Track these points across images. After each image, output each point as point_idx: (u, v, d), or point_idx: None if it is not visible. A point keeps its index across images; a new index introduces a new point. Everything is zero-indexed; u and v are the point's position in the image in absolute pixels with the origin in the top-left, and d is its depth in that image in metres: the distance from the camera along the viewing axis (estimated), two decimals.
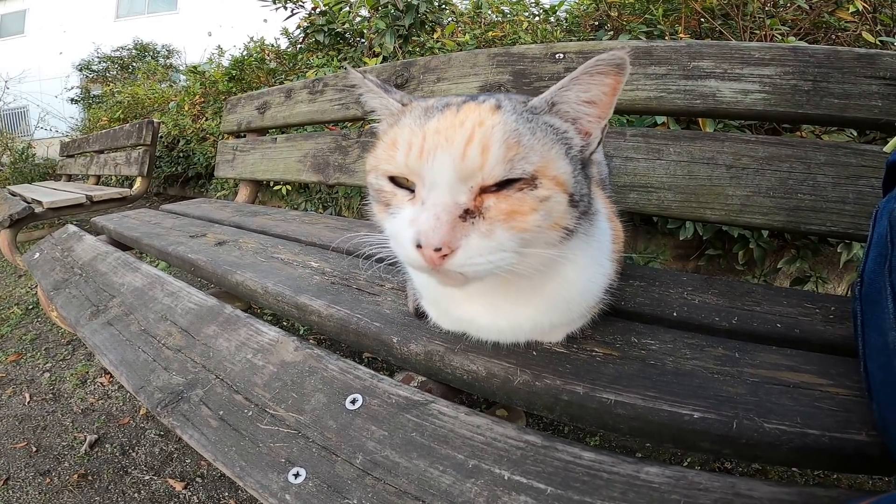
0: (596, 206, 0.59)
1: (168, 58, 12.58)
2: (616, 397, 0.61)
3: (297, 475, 0.64)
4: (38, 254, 1.75)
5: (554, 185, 0.50)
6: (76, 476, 1.44)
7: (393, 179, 0.53)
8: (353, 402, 0.70)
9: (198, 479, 1.43)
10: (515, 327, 0.66)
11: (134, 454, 1.54)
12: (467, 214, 0.48)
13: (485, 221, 0.48)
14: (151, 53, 12.41)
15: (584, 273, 0.62)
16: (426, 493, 0.57)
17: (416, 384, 0.77)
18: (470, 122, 0.49)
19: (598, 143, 0.56)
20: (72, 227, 1.81)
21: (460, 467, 0.58)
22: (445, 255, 0.47)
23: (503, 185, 0.49)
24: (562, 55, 1.26)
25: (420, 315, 0.82)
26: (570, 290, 0.62)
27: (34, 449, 1.58)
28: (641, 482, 0.52)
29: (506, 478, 0.55)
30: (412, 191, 0.52)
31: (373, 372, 0.75)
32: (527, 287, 0.59)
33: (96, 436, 1.62)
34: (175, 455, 1.53)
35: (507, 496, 0.54)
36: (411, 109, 0.56)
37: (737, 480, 0.50)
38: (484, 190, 0.49)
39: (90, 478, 1.44)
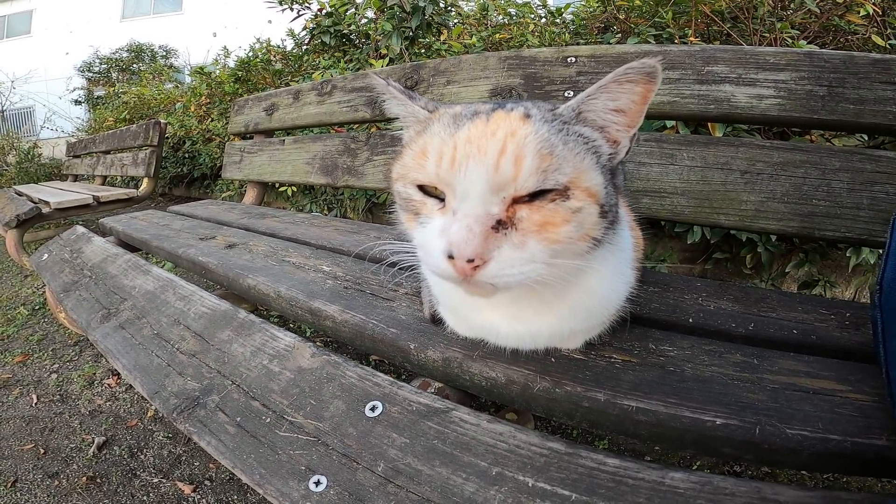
0: (619, 215, 0.59)
1: (167, 58, 12.61)
2: (637, 404, 0.61)
3: (318, 483, 0.64)
4: (46, 255, 1.75)
5: (586, 196, 0.50)
6: (84, 478, 1.44)
7: (422, 188, 0.53)
8: (373, 409, 0.70)
9: (206, 483, 1.43)
10: (535, 334, 0.66)
11: (142, 456, 1.54)
12: (499, 225, 0.48)
13: (517, 233, 0.48)
14: (149, 55, 12.44)
15: (607, 282, 0.62)
16: (449, 500, 0.57)
17: (432, 390, 0.77)
18: (502, 132, 0.48)
19: (627, 152, 0.56)
20: (80, 229, 1.81)
21: (483, 475, 0.58)
22: (477, 267, 0.47)
23: (535, 195, 0.49)
24: (573, 59, 1.26)
25: (436, 321, 0.82)
26: (592, 298, 0.62)
27: (42, 451, 1.57)
28: (667, 488, 0.52)
29: (530, 485, 0.55)
30: (442, 199, 0.52)
31: (392, 379, 0.75)
32: (549, 295, 0.59)
33: (104, 438, 1.62)
34: (183, 458, 1.53)
35: (531, 503, 0.54)
36: (439, 117, 0.55)
37: (762, 485, 0.50)
38: (516, 200, 0.49)
39: (98, 480, 1.44)
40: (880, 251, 0.87)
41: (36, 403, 1.84)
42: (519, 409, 1.13)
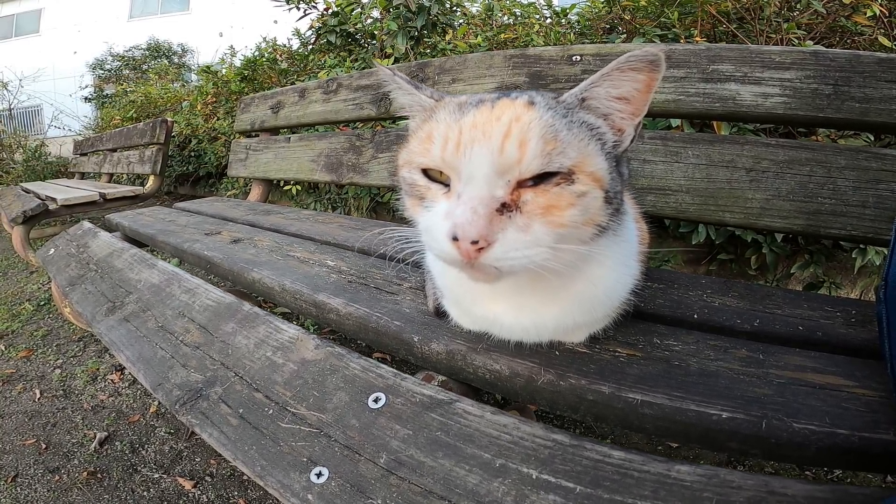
0: (625, 206, 0.59)
1: (182, 56, 12.74)
2: (642, 397, 0.61)
3: (319, 475, 0.64)
4: (52, 250, 1.76)
5: (591, 180, 0.50)
6: (85, 474, 1.44)
7: (427, 173, 0.54)
8: (376, 400, 0.70)
9: (207, 478, 1.43)
10: (539, 326, 0.66)
11: (143, 452, 1.54)
12: (504, 208, 0.48)
13: (522, 215, 0.48)
14: (166, 52, 12.56)
15: (612, 273, 0.62)
16: (452, 492, 0.57)
17: (436, 383, 0.77)
18: (506, 118, 0.49)
19: (632, 141, 0.56)
20: (87, 224, 1.82)
21: (487, 466, 0.58)
22: (482, 249, 0.47)
23: (540, 179, 0.49)
24: (578, 57, 1.26)
25: (440, 314, 0.82)
26: (597, 289, 0.62)
27: (44, 446, 1.57)
28: (673, 480, 0.51)
29: (534, 477, 0.55)
30: (446, 185, 0.52)
31: (395, 371, 0.75)
32: (554, 285, 0.59)
33: (106, 433, 1.62)
34: (185, 453, 1.53)
35: (535, 495, 0.53)
36: (444, 105, 0.56)
37: (770, 479, 0.50)
38: (521, 184, 0.49)
39: (99, 475, 1.44)
40: (885, 251, 0.86)
41: (39, 398, 1.84)
42: (521, 407, 1.13)
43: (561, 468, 0.55)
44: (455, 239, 0.47)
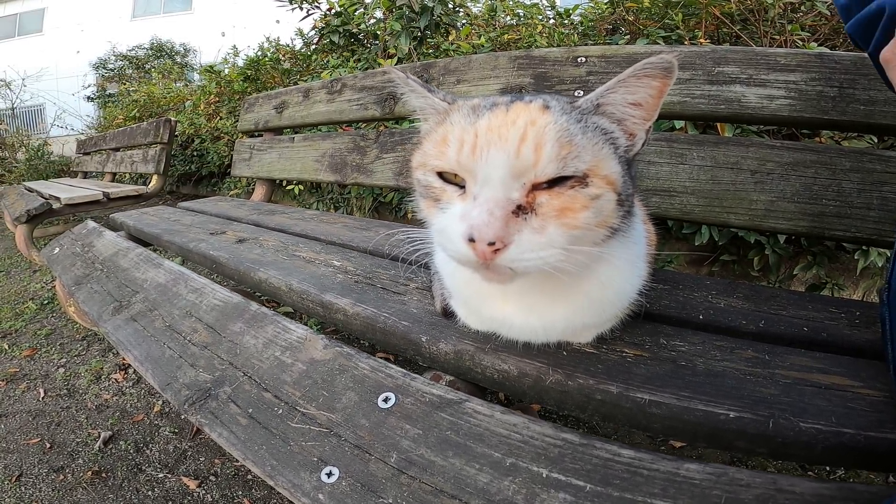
0: (634, 208, 0.60)
1: (185, 56, 12.78)
2: (650, 397, 0.61)
3: (330, 474, 0.64)
4: (57, 249, 1.76)
5: (605, 184, 0.50)
6: (90, 473, 1.44)
7: (441, 175, 0.54)
8: (386, 400, 0.71)
9: (211, 478, 1.44)
10: (548, 327, 0.66)
11: (148, 451, 1.54)
12: (519, 210, 0.49)
13: (537, 218, 0.49)
14: (169, 52, 12.60)
15: (621, 274, 0.62)
16: (463, 491, 0.57)
17: (444, 383, 0.78)
18: (522, 121, 0.49)
19: (643, 144, 0.56)
20: (91, 223, 1.83)
21: (497, 465, 0.58)
22: (498, 250, 0.47)
23: (555, 182, 0.50)
24: (584, 59, 1.27)
25: (448, 315, 0.83)
26: (606, 290, 0.62)
27: (48, 445, 1.58)
28: (682, 478, 0.52)
29: (544, 475, 0.56)
30: (461, 187, 0.53)
31: (404, 371, 0.75)
32: (564, 286, 0.59)
33: (110, 432, 1.62)
34: (189, 453, 1.54)
35: (545, 493, 0.54)
36: (458, 108, 0.56)
37: (777, 477, 0.51)
38: (535, 187, 0.50)
39: (104, 475, 1.44)
40: (888, 253, 0.87)
41: (43, 398, 1.85)
42: (524, 407, 1.14)
43: (571, 467, 0.56)
44: (471, 240, 0.48)
